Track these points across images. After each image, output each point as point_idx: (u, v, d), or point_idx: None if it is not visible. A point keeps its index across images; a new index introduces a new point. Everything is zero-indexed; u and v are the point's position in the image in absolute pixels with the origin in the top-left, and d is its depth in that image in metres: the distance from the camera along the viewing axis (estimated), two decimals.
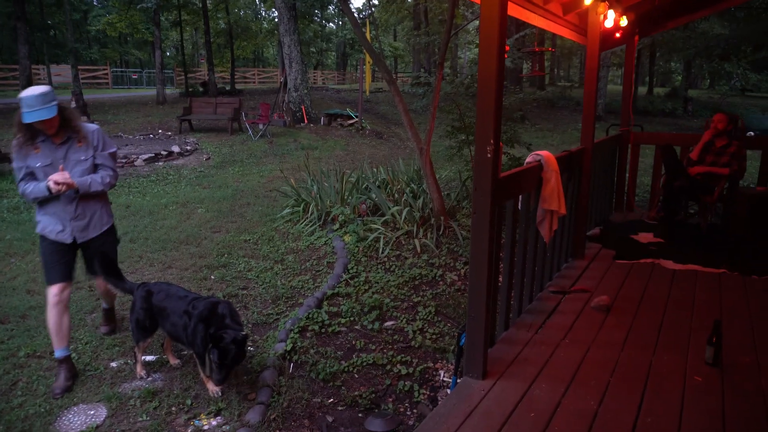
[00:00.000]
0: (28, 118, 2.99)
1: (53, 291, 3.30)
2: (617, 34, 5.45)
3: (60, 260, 3.33)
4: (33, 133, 3.16)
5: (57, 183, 3.09)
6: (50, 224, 3.28)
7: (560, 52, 36.81)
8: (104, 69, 28.85)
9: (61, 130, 3.21)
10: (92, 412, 3.07)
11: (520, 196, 3.26)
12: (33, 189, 3.16)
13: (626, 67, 6.35)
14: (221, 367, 2.99)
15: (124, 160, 10.53)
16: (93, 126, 3.38)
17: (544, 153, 3.41)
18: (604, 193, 5.64)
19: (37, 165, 3.19)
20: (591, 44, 4.45)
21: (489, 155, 2.46)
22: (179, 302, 3.25)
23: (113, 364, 3.56)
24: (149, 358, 3.62)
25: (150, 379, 3.40)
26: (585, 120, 4.47)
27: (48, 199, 3.21)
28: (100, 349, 3.74)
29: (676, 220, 5.54)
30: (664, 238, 5.14)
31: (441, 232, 5.90)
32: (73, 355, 3.63)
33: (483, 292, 2.59)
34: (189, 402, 3.15)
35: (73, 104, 14.63)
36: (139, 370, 3.41)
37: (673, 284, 3.98)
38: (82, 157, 3.27)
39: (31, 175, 3.20)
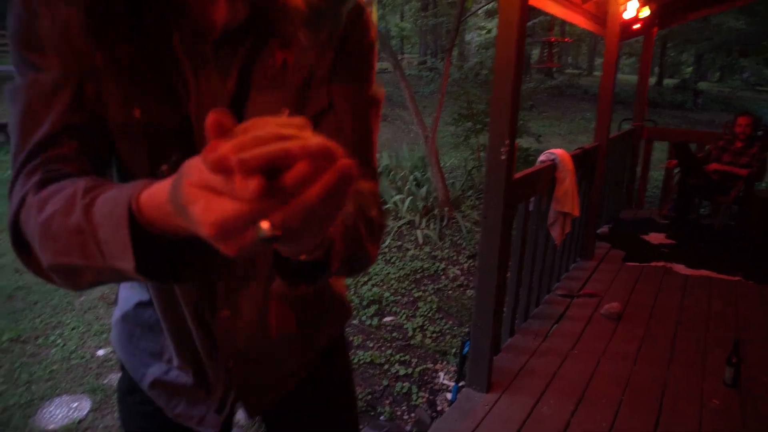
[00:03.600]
0: None
1: None
2: (636, 25, 5.21)
3: None
4: None
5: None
6: None
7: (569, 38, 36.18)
8: None
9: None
10: (75, 404, 2.93)
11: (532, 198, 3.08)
12: None
13: (643, 59, 6.11)
14: None
15: None
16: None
17: (558, 152, 3.22)
18: (614, 190, 5.46)
19: None
20: (610, 35, 4.22)
21: (503, 157, 2.27)
22: None
23: (100, 352, 3.42)
24: None
25: None
26: (600, 114, 4.25)
27: None
28: (87, 336, 3.60)
29: (688, 219, 5.36)
30: (676, 239, 4.97)
31: (444, 224, 5.74)
32: (59, 341, 3.50)
33: (491, 301, 2.43)
34: None
35: None
36: None
37: (686, 291, 3.82)
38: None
39: None
